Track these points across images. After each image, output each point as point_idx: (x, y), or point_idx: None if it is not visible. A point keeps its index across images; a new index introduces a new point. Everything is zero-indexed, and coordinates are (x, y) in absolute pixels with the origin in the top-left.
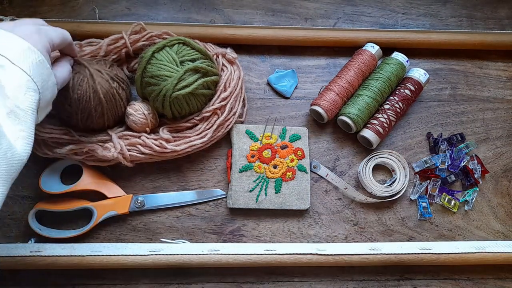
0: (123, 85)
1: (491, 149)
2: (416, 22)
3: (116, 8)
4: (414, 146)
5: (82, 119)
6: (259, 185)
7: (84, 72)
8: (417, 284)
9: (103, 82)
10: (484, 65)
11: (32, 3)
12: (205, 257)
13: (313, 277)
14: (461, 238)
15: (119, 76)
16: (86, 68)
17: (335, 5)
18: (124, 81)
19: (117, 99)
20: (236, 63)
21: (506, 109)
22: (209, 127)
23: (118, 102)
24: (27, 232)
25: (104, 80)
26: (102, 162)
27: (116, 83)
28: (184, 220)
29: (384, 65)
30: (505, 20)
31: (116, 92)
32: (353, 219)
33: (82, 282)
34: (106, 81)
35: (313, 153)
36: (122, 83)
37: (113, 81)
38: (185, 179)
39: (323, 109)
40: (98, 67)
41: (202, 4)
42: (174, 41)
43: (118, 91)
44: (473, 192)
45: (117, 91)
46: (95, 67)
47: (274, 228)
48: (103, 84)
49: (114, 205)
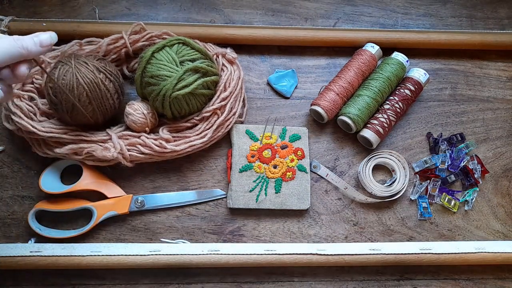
0: (110, 77)
1: (491, 149)
2: (416, 22)
3: (116, 8)
4: (414, 146)
5: (68, 110)
6: (259, 185)
7: (69, 63)
8: (417, 284)
9: (87, 72)
10: (484, 65)
11: (32, 3)
12: (205, 257)
13: (313, 277)
14: (461, 238)
15: (107, 69)
16: (71, 60)
17: (335, 5)
18: (112, 74)
19: (102, 89)
20: (236, 63)
21: (506, 109)
22: (209, 127)
23: (103, 93)
24: (27, 232)
25: (88, 71)
26: (102, 162)
27: (103, 74)
28: (184, 220)
29: (384, 65)
30: (505, 20)
31: (101, 83)
32: (353, 219)
33: (82, 282)
34: (90, 71)
35: (313, 153)
36: (109, 75)
37: (99, 72)
38: (185, 179)
39: (323, 109)
40: (85, 59)
41: (202, 4)
42: (174, 41)
43: (104, 82)
44: (473, 192)
45: (103, 82)
46: (82, 60)
47: (274, 228)
48: (87, 74)
49: (114, 205)
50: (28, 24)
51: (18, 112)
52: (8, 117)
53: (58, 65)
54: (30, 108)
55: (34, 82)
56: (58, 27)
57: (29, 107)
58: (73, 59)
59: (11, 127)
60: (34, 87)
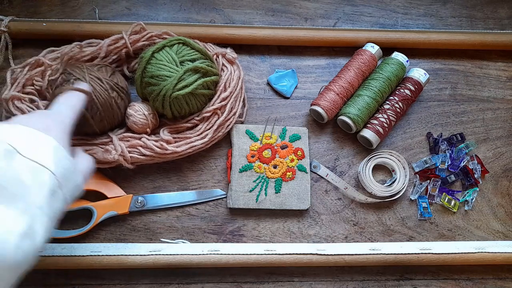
0: (122, 95)
1: (491, 149)
2: (416, 22)
3: (116, 8)
4: (414, 146)
5: (78, 126)
6: (259, 185)
7: (83, 78)
8: (417, 284)
9: (102, 91)
10: (484, 65)
11: (32, 3)
12: (205, 257)
13: (313, 277)
14: (461, 238)
15: (119, 86)
16: (85, 74)
17: (335, 5)
18: (123, 90)
19: (114, 109)
20: (236, 63)
21: (506, 109)
22: (209, 127)
23: (115, 112)
24: None
25: (103, 90)
26: (103, 164)
27: (116, 92)
28: (184, 220)
29: (384, 65)
30: (505, 20)
31: (114, 102)
32: (353, 219)
33: (82, 282)
34: (105, 91)
35: (313, 153)
36: (121, 92)
37: (112, 90)
38: (185, 179)
39: (323, 109)
40: (98, 75)
41: (202, 4)
42: (174, 41)
43: (117, 100)
44: (473, 192)
45: (116, 101)
46: (95, 75)
47: (274, 228)
48: (102, 93)
49: (114, 205)
50: (28, 24)
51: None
52: None
53: (69, 78)
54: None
55: (35, 84)
56: (58, 27)
57: (30, 109)
58: (86, 73)
59: None
60: (35, 89)
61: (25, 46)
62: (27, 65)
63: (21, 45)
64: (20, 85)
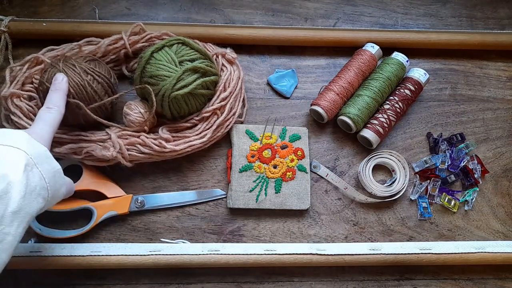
0: (98, 78)
1: (491, 149)
2: (416, 22)
3: (116, 8)
4: (414, 146)
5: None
6: (259, 185)
7: (58, 65)
8: (417, 284)
9: (74, 74)
10: (484, 65)
11: (32, 3)
12: (205, 257)
13: (313, 277)
14: (461, 238)
15: (95, 70)
16: (60, 62)
17: (335, 5)
18: (101, 75)
19: (89, 91)
20: (236, 63)
21: (506, 109)
22: (208, 127)
23: (90, 95)
24: (27, 232)
25: (75, 73)
26: (101, 162)
27: (90, 76)
28: (184, 220)
29: (384, 65)
30: (505, 20)
31: (87, 85)
32: (353, 219)
33: (82, 282)
34: (77, 74)
35: (313, 153)
36: (98, 77)
37: (86, 74)
38: (185, 179)
39: (323, 109)
40: (73, 62)
41: (202, 4)
42: (173, 41)
43: (91, 83)
44: (473, 192)
45: (89, 84)
46: (70, 62)
47: (274, 228)
48: (74, 76)
49: (114, 205)
50: (28, 24)
51: (17, 112)
52: (8, 117)
53: (48, 68)
54: (30, 108)
55: (34, 82)
56: (58, 27)
57: (29, 107)
58: (61, 61)
59: (11, 127)
60: (34, 87)
61: (25, 46)
62: (26, 63)
63: (21, 45)
64: (19, 83)
